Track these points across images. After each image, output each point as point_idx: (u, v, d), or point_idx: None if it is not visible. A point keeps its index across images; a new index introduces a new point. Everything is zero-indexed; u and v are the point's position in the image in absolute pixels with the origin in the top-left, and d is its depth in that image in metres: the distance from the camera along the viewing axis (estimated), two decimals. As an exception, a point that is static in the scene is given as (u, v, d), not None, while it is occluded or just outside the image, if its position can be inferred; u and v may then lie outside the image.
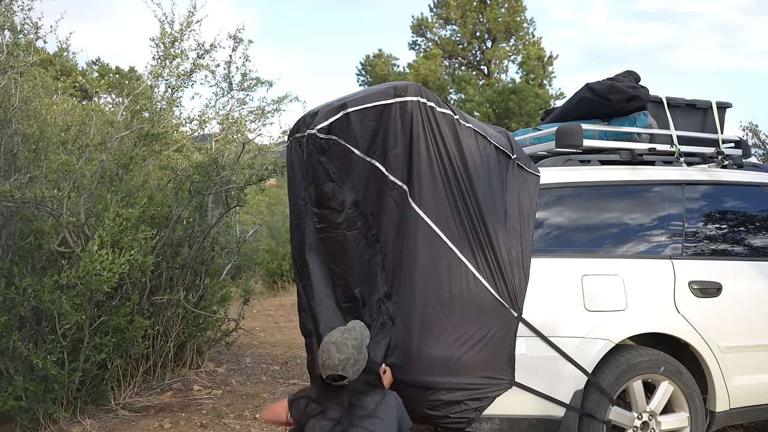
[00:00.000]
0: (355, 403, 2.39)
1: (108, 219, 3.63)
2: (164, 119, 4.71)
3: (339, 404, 2.40)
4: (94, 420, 3.86)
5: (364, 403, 2.39)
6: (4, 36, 4.03)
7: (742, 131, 8.98)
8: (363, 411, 2.38)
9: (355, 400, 2.40)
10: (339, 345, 2.44)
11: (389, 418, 2.41)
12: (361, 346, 2.49)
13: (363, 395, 2.42)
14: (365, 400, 2.41)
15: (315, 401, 2.45)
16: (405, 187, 2.64)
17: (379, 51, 22.17)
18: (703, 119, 3.56)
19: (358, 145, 2.65)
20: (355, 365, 2.44)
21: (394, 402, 2.46)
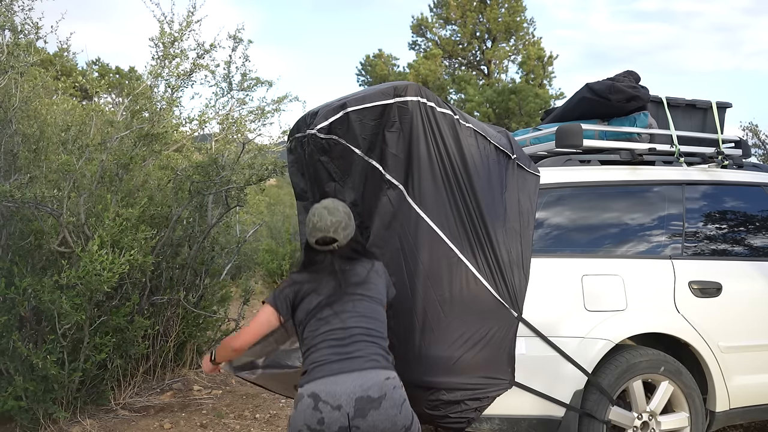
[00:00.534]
0: (347, 270, 2.30)
1: (108, 219, 3.63)
2: (164, 119, 4.71)
3: (331, 275, 2.28)
4: (94, 420, 3.86)
5: (356, 270, 2.32)
6: (4, 36, 4.03)
7: (742, 131, 8.98)
8: (356, 278, 2.29)
9: (347, 267, 2.31)
10: (331, 209, 2.35)
11: (380, 286, 2.36)
12: (351, 214, 2.42)
13: (353, 263, 2.34)
14: (356, 267, 2.33)
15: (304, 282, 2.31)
16: (401, 186, 2.64)
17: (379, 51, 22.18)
18: (703, 119, 3.56)
19: (359, 145, 2.65)
20: (346, 229, 2.35)
21: (382, 270, 2.42)
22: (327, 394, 2.01)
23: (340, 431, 1.97)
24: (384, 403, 2.02)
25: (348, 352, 2.11)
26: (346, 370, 2.06)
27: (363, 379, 2.04)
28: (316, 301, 2.24)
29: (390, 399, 2.04)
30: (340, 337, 2.14)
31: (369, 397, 2.01)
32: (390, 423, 2.02)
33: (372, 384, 2.03)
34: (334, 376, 2.04)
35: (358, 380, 2.03)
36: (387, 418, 2.02)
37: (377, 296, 2.31)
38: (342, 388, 2.01)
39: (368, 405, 2.00)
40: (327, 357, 2.11)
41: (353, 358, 2.09)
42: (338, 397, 2.00)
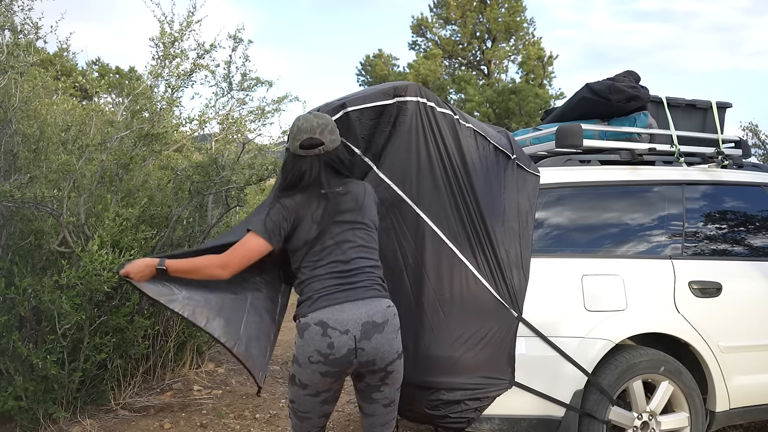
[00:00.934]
0: (339, 192, 2.28)
1: (108, 219, 3.63)
2: (164, 119, 4.71)
3: (323, 198, 2.25)
4: (94, 420, 3.87)
5: (350, 191, 2.30)
6: (4, 36, 4.03)
7: (742, 131, 8.99)
8: (351, 202, 2.28)
9: (338, 187, 2.28)
10: (317, 114, 2.33)
11: (374, 210, 2.36)
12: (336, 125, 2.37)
13: (343, 180, 2.32)
14: (349, 187, 2.32)
15: (298, 208, 2.26)
16: (393, 185, 2.64)
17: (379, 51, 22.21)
18: (703, 119, 3.56)
19: (358, 145, 2.65)
20: (333, 133, 2.29)
21: (371, 191, 2.41)
22: (335, 321, 2.12)
23: (348, 353, 2.11)
24: (386, 328, 2.18)
25: (351, 283, 2.20)
26: (351, 299, 2.17)
27: (368, 307, 2.17)
28: (314, 230, 2.24)
29: (391, 324, 2.20)
30: (343, 270, 2.21)
31: (374, 322, 2.15)
32: (389, 345, 2.18)
33: (376, 311, 2.17)
34: (340, 304, 2.15)
35: (363, 308, 2.16)
36: (387, 341, 2.18)
37: (372, 223, 2.33)
38: (349, 315, 2.13)
39: (373, 329, 2.15)
40: (331, 288, 2.18)
41: (357, 288, 2.19)
42: (345, 323, 2.12)
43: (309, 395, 2.19)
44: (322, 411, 2.27)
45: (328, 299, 2.17)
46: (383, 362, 2.19)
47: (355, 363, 2.15)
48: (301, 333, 2.18)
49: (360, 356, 2.14)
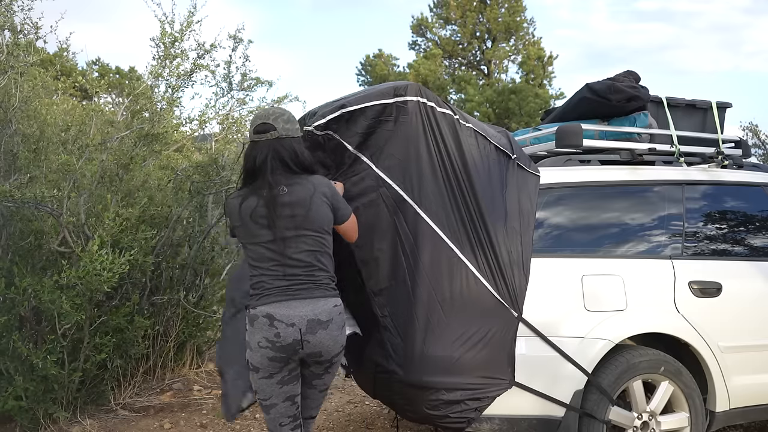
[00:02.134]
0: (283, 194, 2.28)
1: (108, 219, 3.63)
2: (164, 119, 4.71)
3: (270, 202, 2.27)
4: (94, 420, 3.87)
5: (296, 194, 2.29)
6: (4, 36, 4.03)
7: (742, 131, 8.98)
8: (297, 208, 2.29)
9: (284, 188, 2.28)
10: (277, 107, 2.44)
11: (323, 214, 2.33)
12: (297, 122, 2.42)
13: (293, 179, 2.31)
14: (296, 189, 2.30)
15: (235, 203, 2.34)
16: (395, 185, 2.64)
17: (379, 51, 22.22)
18: (703, 119, 3.56)
19: (355, 143, 2.66)
20: (287, 123, 2.33)
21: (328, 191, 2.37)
22: (281, 316, 2.27)
23: (295, 342, 2.27)
24: (330, 325, 2.32)
25: (298, 285, 2.31)
26: (298, 297, 2.30)
27: (314, 306, 2.30)
28: (258, 231, 2.31)
29: (335, 322, 2.34)
30: (291, 273, 2.31)
31: (319, 320, 2.29)
32: (333, 341, 2.33)
33: (322, 310, 2.30)
34: (287, 301, 2.29)
35: (309, 306, 2.29)
36: (331, 337, 2.32)
37: (320, 227, 2.34)
38: (295, 312, 2.28)
39: (317, 326, 2.29)
40: (280, 288, 2.30)
41: (304, 289, 2.31)
42: (291, 318, 2.27)
43: (264, 378, 2.31)
44: (283, 393, 2.35)
45: (276, 296, 2.30)
46: (329, 355, 2.34)
47: (302, 352, 2.30)
48: (251, 322, 2.31)
49: (306, 347, 2.29)
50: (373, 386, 2.89)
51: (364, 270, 2.68)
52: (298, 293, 2.30)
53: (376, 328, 2.72)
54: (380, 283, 2.66)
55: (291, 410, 2.38)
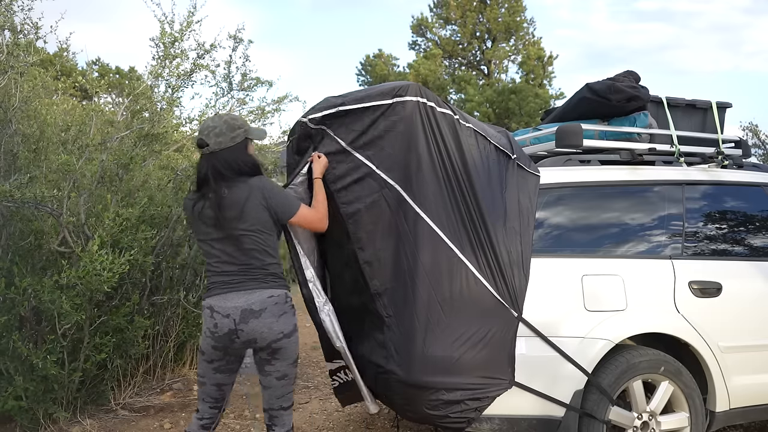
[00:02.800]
0: (224, 197, 2.49)
1: (108, 219, 3.63)
2: (164, 119, 4.71)
3: (211, 204, 2.50)
4: (94, 420, 3.87)
5: (233, 197, 2.49)
6: (4, 36, 4.03)
7: (742, 131, 8.98)
8: (232, 210, 2.48)
9: (223, 191, 2.49)
10: (215, 118, 2.58)
11: (260, 215, 2.51)
12: (239, 126, 2.57)
13: (230, 183, 2.50)
14: (233, 193, 2.50)
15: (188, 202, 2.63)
16: (398, 186, 2.64)
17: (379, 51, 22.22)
18: (703, 119, 3.56)
19: (352, 142, 2.66)
20: (219, 137, 2.51)
21: (268, 190, 2.53)
22: (219, 307, 2.51)
23: (230, 332, 2.50)
24: (264, 314, 2.50)
25: (238, 279, 2.53)
26: (235, 290, 2.53)
27: (248, 297, 2.51)
28: (203, 230, 2.56)
29: (269, 311, 2.51)
30: (230, 270, 2.53)
31: (251, 309, 2.49)
32: (267, 328, 2.50)
33: (255, 300, 2.50)
34: (225, 294, 2.53)
35: (243, 297, 2.51)
36: (264, 325, 2.49)
37: (256, 227, 2.52)
38: (231, 303, 2.50)
39: (250, 315, 2.49)
40: (220, 280, 2.55)
41: (242, 282, 2.54)
42: (227, 309, 2.50)
43: (205, 361, 2.59)
44: (215, 379, 2.63)
45: (217, 290, 2.55)
46: (264, 341, 2.52)
47: (238, 342, 2.52)
48: (203, 312, 2.61)
49: (241, 336, 2.50)
50: (374, 386, 2.89)
51: (368, 270, 2.69)
52: (234, 286, 2.52)
53: (378, 329, 2.72)
54: (384, 284, 2.67)
55: (215, 393, 2.67)
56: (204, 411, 2.70)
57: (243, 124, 2.60)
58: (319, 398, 4.50)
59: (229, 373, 2.66)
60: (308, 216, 2.63)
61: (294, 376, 2.67)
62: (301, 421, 4.03)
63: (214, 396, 2.67)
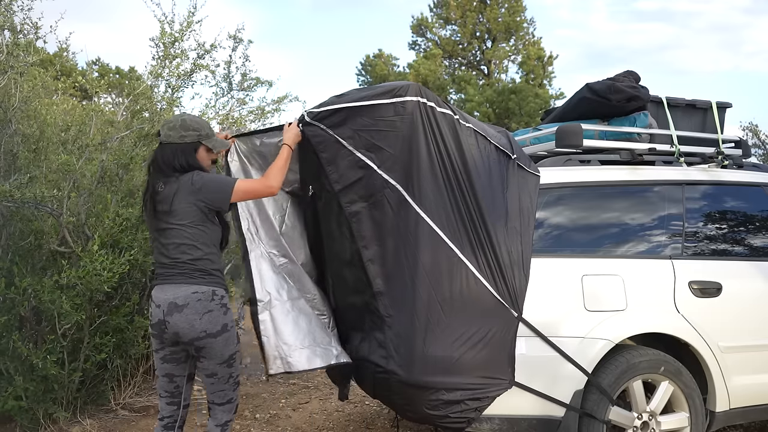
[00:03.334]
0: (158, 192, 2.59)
1: (108, 219, 3.63)
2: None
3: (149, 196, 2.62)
4: (94, 420, 3.87)
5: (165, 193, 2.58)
6: (4, 36, 4.03)
7: (742, 131, 8.97)
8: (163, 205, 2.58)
9: (159, 186, 2.59)
10: (182, 114, 2.73)
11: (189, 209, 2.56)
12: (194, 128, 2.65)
13: (166, 180, 2.59)
14: (165, 189, 2.58)
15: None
16: (399, 186, 2.64)
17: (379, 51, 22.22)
18: (703, 119, 3.56)
19: (351, 141, 2.66)
20: (172, 130, 2.62)
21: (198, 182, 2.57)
22: (155, 298, 2.64)
23: (159, 322, 2.61)
24: (186, 310, 2.56)
25: (169, 273, 2.62)
26: (168, 282, 2.62)
27: (175, 291, 2.58)
28: (150, 223, 2.69)
29: (192, 307, 2.56)
30: (164, 263, 2.63)
31: (176, 303, 2.56)
32: (188, 325, 2.55)
33: (180, 295, 2.57)
34: (161, 286, 2.64)
35: (171, 291, 2.59)
36: (187, 321, 2.55)
37: (187, 222, 2.58)
38: (163, 295, 2.60)
39: (174, 308, 2.56)
40: (159, 273, 2.67)
41: (174, 275, 2.62)
42: (160, 300, 2.61)
43: (154, 350, 2.70)
44: (163, 369, 2.70)
45: (157, 280, 2.67)
46: (186, 337, 2.57)
47: (168, 332, 2.60)
48: None
49: (168, 327, 2.58)
50: (373, 386, 2.89)
51: (371, 269, 2.69)
52: (168, 279, 2.61)
53: (378, 329, 2.72)
54: (386, 283, 2.67)
55: (168, 387, 2.72)
56: (163, 409, 2.73)
57: (201, 128, 2.66)
58: (319, 398, 4.50)
59: (176, 363, 2.69)
60: (248, 188, 2.64)
61: (227, 375, 2.67)
62: (301, 421, 4.03)
63: (167, 390, 2.72)
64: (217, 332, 2.56)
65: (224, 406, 2.72)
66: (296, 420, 4.05)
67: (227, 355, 2.63)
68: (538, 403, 2.73)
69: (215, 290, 2.59)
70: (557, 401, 2.73)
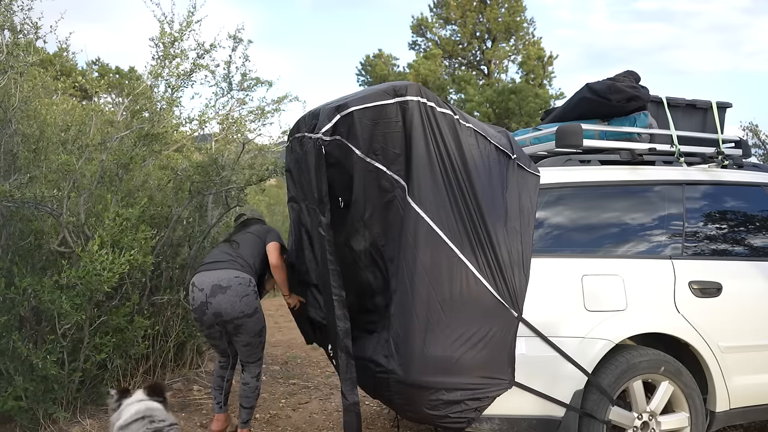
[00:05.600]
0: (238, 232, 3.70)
1: (108, 219, 3.63)
2: (164, 119, 4.71)
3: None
4: (94, 420, 3.86)
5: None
6: (4, 36, 4.03)
7: (742, 131, 8.97)
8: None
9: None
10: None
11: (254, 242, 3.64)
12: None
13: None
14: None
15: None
16: (406, 185, 2.64)
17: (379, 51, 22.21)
18: (703, 119, 3.56)
19: (359, 146, 2.65)
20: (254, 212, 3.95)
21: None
22: (198, 282, 3.15)
23: (201, 305, 3.13)
24: (229, 291, 3.11)
25: (217, 261, 3.30)
26: (211, 269, 3.21)
27: (219, 274, 3.14)
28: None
29: (234, 289, 3.13)
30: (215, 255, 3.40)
31: (220, 285, 3.11)
32: (230, 305, 3.10)
33: (224, 277, 3.14)
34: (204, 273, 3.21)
35: (216, 275, 3.15)
36: (228, 301, 3.09)
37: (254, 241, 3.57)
38: (207, 279, 3.13)
39: (218, 290, 3.10)
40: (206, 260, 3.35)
41: (219, 262, 3.26)
42: (203, 283, 3.13)
43: (199, 331, 3.51)
44: (212, 342, 3.48)
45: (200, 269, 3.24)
46: (228, 316, 3.11)
47: (209, 313, 3.12)
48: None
49: (210, 308, 3.09)
50: (373, 386, 2.89)
51: (390, 267, 2.70)
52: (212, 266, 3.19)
53: (385, 328, 2.72)
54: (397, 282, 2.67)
55: (216, 350, 3.50)
56: (217, 357, 3.59)
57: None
58: (319, 398, 4.50)
59: (220, 338, 3.38)
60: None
61: (258, 343, 3.32)
62: (301, 421, 4.03)
63: (217, 350, 3.50)
64: (253, 313, 3.17)
65: (256, 363, 3.38)
66: (296, 420, 4.05)
67: (258, 329, 3.26)
68: (538, 403, 2.73)
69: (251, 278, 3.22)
70: (557, 401, 2.73)
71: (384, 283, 2.76)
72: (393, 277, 2.69)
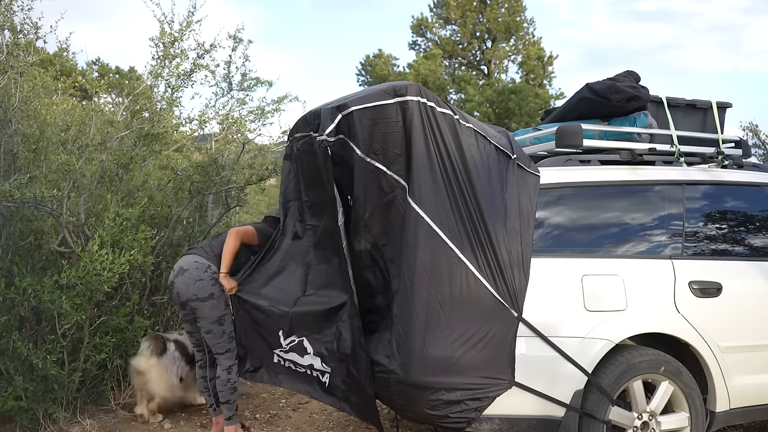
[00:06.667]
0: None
1: (108, 219, 3.63)
2: (164, 119, 4.71)
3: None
4: (94, 420, 3.87)
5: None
6: (4, 36, 4.03)
7: (742, 131, 8.96)
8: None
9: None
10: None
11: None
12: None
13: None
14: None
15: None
16: (407, 186, 2.64)
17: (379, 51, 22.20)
18: (703, 119, 3.56)
19: (360, 146, 2.64)
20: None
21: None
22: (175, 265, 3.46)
23: (171, 284, 3.42)
24: (186, 274, 3.35)
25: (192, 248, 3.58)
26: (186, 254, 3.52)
27: (186, 258, 3.43)
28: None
29: (190, 273, 3.35)
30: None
31: (182, 268, 3.38)
32: (185, 287, 3.33)
33: (187, 261, 3.40)
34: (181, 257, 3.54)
35: (184, 259, 3.44)
36: (184, 282, 3.34)
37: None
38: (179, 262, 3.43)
39: (180, 272, 3.37)
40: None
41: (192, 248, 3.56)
42: (176, 266, 3.43)
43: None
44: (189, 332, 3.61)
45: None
46: (183, 297, 3.34)
47: (174, 293, 3.38)
48: None
49: (173, 288, 3.37)
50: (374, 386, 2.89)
51: (392, 268, 2.69)
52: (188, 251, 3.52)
53: (387, 328, 2.72)
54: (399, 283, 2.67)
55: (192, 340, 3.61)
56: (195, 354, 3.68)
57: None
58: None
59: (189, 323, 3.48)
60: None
61: (221, 332, 3.35)
62: (301, 421, 4.03)
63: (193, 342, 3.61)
64: (206, 299, 3.28)
65: (225, 354, 3.39)
66: (296, 420, 4.05)
67: (216, 317, 3.32)
68: (538, 403, 2.73)
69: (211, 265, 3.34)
70: (557, 401, 2.73)
71: (384, 283, 2.76)
72: (394, 278, 2.68)
